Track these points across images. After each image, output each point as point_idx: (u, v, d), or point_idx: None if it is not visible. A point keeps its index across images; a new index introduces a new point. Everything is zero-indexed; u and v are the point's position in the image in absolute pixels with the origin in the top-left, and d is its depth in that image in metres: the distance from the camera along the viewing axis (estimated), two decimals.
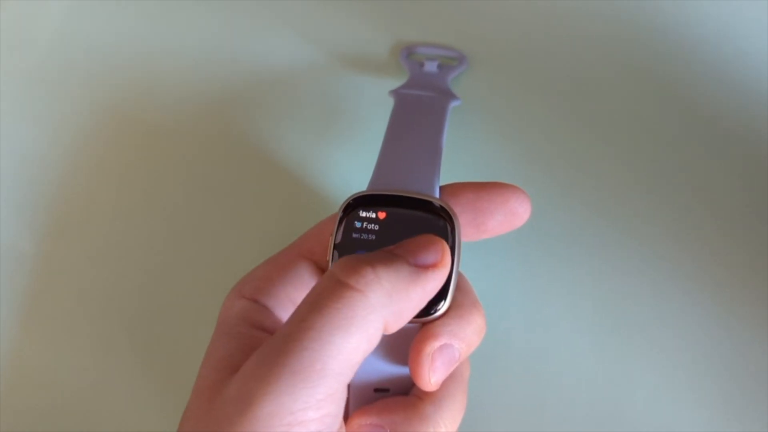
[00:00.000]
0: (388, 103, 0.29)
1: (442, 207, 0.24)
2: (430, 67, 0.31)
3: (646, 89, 0.32)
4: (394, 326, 0.21)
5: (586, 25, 0.33)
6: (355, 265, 0.21)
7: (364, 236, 0.24)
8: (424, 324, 0.23)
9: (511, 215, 0.24)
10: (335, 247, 0.24)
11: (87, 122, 0.34)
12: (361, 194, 0.24)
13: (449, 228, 0.24)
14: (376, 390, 0.25)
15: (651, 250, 0.30)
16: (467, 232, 0.25)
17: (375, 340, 0.21)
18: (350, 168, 0.32)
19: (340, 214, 0.24)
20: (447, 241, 0.23)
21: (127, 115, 0.34)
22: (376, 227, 0.24)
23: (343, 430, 0.22)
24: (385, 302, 0.21)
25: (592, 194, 0.31)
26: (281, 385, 0.19)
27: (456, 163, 0.30)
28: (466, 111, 0.32)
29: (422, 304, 0.22)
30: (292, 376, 0.20)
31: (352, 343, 0.20)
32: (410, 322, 0.23)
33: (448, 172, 0.26)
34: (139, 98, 0.34)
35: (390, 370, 0.25)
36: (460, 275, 0.24)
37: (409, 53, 0.33)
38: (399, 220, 0.24)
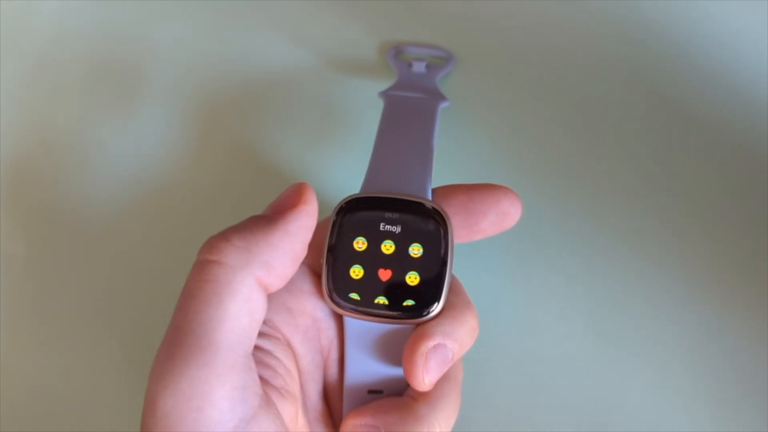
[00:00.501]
0: (378, 105, 0.29)
1: (434, 209, 0.24)
2: (419, 67, 0.32)
3: (636, 90, 0.32)
4: (275, 278, 0.22)
5: (574, 25, 0.33)
6: (208, 242, 0.22)
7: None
8: (417, 325, 0.24)
9: (502, 216, 0.25)
10: (329, 249, 0.24)
11: (79, 125, 0.34)
12: (354, 197, 0.24)
13: (442, 230, 0.24)
14: (370, 391, 0.25)
15: (643, 254, 0.30)
16: (460, 233, 0.25)
17: (257, 300, 0.21)
18: (342, 170, 0.32)
19: (334, 217, 0.24)
20: (440, 243, 0.24)
21: (119, 118, 0.34)
22: None
23: (274, 409, 0.22)
24: (245, 259, 0.21)
25: (583, 196, 0.31)
26: (176, 374, 0.20)
27: (446, 164, 0.30)
28: (454, 112, 0.32)
29: (294, 246, 0.22)
30: (183, 362, 0.20)
31: (230, 311, 0.21)
32: (404, 323, 0.24)
33: (438, 174, 0.26)
34: (131, 101, 0.34)
35: (383, 371, 0.25)
36: (453, 277, 0.25)
37: (397, 53, 0.33)
38: None
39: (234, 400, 0.20)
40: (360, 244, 0.24)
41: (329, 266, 0.24)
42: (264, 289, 0.22)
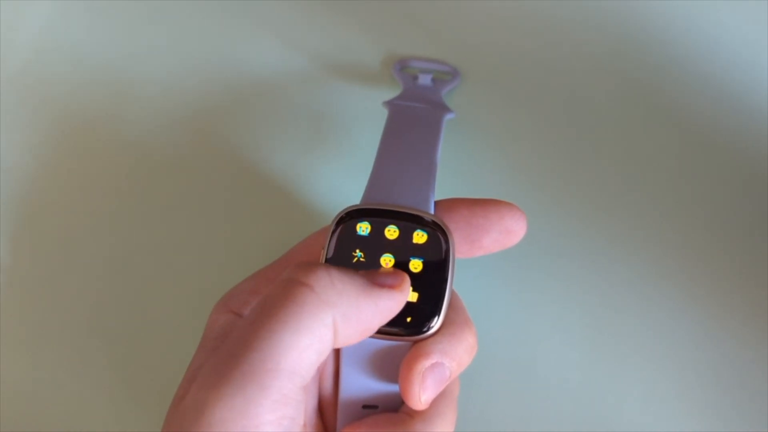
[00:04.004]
0: (380, 115, 0.29)
1: (436, 223, 0.24)
2: (424, 80, 0.31)
3: (638, 103, 0.32)
4: (342, 332, 0.21)
5: (578, 40, 0.33)
6: (309, 265, 0.22)
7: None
8: (415, 342, 0.23)
9: (506, 233, 0.24)
10: (327, 260, 0.24)
11: (67, 132, 0.33)
12: (354, 208, 0.24)
13: (444, 246, 0.24)
14: (365, 407, 0.25)
15: (640, 263, 0.30)
16: (461, 248, 0.24)
17: (327, 343, 0.21)
18: (340, 180, 0.32)
19: (333, 228, 0.24)
20: (441, 260, 0.23)
21: (109, 125, 0.33)
22: None
23: None
24: (335, 300, 0.21)
25: (583, 208, 0.31)
26: (232, 388, 0.19)
27: (448, 177, 0.30)
28: (458, 125, 0.32)
29: (373, 320, 0.22)
30: (242, 378, 0.20)
31: (302, 340, 0.20)
32: (402, 340, 0.23)
33: (441, 185, 0.26)
34: (123, 108, 0.34)
35: (379, 387, 0.24)
36: (452, 293, 0.24)
37: (402, 67, 0.33)
38: None
39: (280, 428, 0.20)
40: (358, 257, 0.24)
41: None
42: (334, 337, 0.21)
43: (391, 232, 0.24)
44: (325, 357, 0.21)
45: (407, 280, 0.23)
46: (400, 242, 0.24)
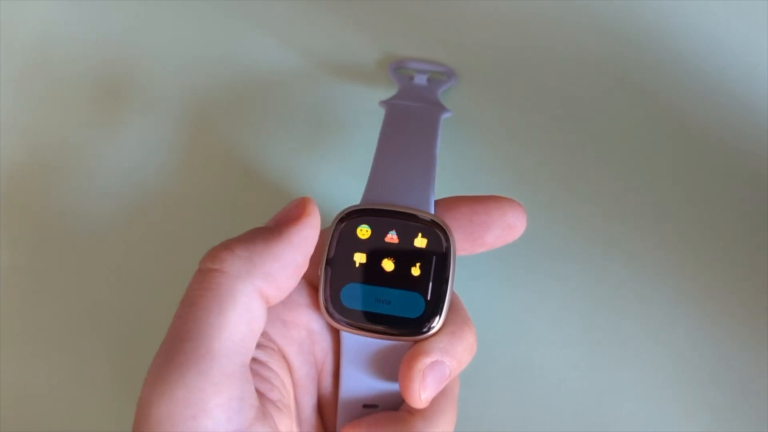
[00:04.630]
0: (376, 115, 0.29)
1: (436, 223, 0.24)
2: (420, 80, 0.31)
3: (635, 102, 0.32)
4: (276, 290, 0.22)
5: (574, 40, 0.33)
6: (211, 251, 0.22)
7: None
8: (415, 342, 0.23)
9: (508, 229, 0.24)
10: (328, 262, 0.24)
11: (66, 131, 0.33)
12: (354, 208, 0.24)
13: (445, 246, 0.24)
14: (365, 406, 0.25)
15: (639, 264, 0.30)
16: (463, 246, 0.24)
17: (257, 310, 0.21)
18: (338, 180, 0.32)
19: (333, 228, 0.24)
20: (442, 259, 0.23)
21: (108, 124, 0.33)
22: None
23: (270, 421, 0.22)
24: (247, 269, 0.21)
25: (580, 207, 0.31)
26: (172, 381, 0.20)
27: (445, 176, 0.30)
28: (454, 125, 0.32)
29: (296, 257, 0.22)
30: (179, 369, 0.20)
31: (230, 318, 0.21)
32: (403, 340, 0.23)
33: (438, 185, 0.26)
34: (122, 107, 0.33)
35: (379, 386, 0.24)
36: (453, 293, 0.24)
37: (398, 67, 0.33)
38: None
39: (230, 410, 0.20)
40: (359, 257, 0.24)
41: (327, 279, 0.24)
42: (265, 300, 0.22)
43: (392, 233, 0.24)
44: (261, 324, 0.22)
45: (307, 201, 0.23)
46: (401, 242, 0.24)
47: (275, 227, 0.23)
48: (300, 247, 0.22)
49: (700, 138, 0.31)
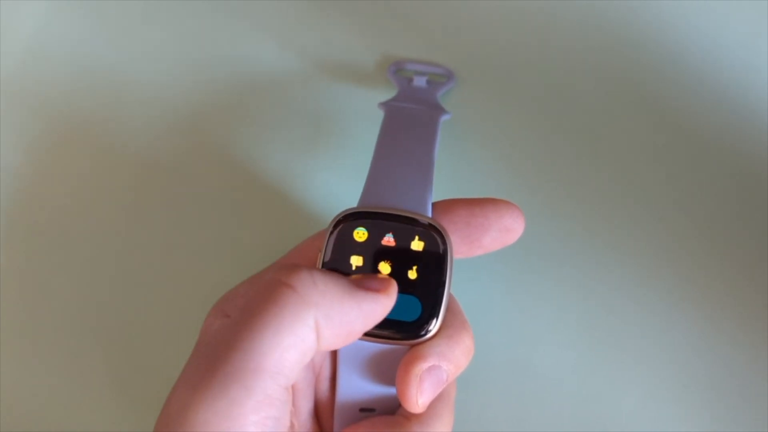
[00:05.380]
0: (375, 116, 0.29)
1: (433, 226, 0.24)
2: (419, 82, 0.31)
3: (633, 104, 0.32)
4: (325, 334, 0.21)
5: (573, 42, 0.33)
6: (292, 266, 0.21)
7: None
8: (412, 346, 0.23)
9: (505, 231, 0.24)
10: (324, 264, 0.24)
11: (63, 133, 0.33)
12: (351, 211, 0.24)
13: (442, 249, 0.23)
14: (362, 410, 0.24)
15: (637, 266, 0.30)
16: (460, 249, 0.24)
17: (310, 344, 0.21)
18: (336, 182, 0.31)
19: (330, 231, 0.24)
20: (440, 263, 0.23)
21: (105, 126, 0.33)
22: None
23: None
24: (317, 300, 0.21)
25: (578, 210, 0.31)
26: (214, 390, 0.19)
27: (443, 178, 0.30)
28: (454, 127, 0.32)
29: (356, 323, 0.22)
30: (225, 379, 0.20)
31: (284, 340, 0.20)
32: (399, 344, 0.23)
33: (436, 187, 0.25)
34: (118, 108, 0.33)
35: (376, 390, 0.24)
36: (450, 296, 0.24)
37: (397, 69, 0.33)
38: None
39: (265, 429, 0.20)
40: (356, 260, 0.24)
41: None
42: (317, 339, 0.21)
43: (389, 235, 0.24)
44: (308, 358, 0.21)
45: (394, 285, 0.23)
46: (398, 245, 0.24)
47: (356, 285, 0.22)
48: (365, 316, 0.22)
49: (699, 141, 0.31)
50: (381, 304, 0.22)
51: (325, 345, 0.21)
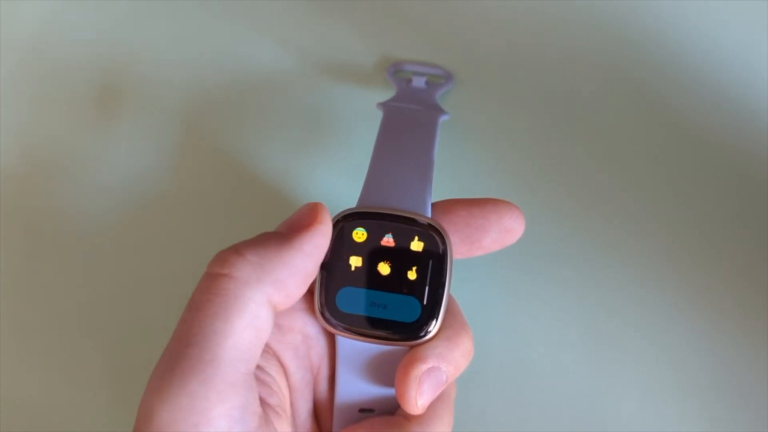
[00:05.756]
0: (373, 116, 0.29)
1: (433, 227, 0.24)
2: (418, 82, 0.31)
3: (633, 104, 0.32)
4: (285, 297, 0.21)
5: (572, 42, 0.33)
6: (219, 255, 0.22)
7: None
8: (412, 347, 0.23)
9: (505, 232, 0.24)
10: (323, 265, 0.24)
11: (61, 131, 0.33)
12: (350, 211, 0.24)
13: (441, 249, 0.23)
14: (362, 410, 0.24)
15: (636, 266, 0.30)
16: (460, 249, 0.24)
17: (265, 318, 0.21)
18: (335, 182, 0.31)
19: None
20: (439, 264, 0.23)
21: (103, 125, 0.33)
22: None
23: (272, 428, 0.22)
24: (257, 275, 0.21)
25: (578, 210, 0.31)
26: (175, 388, 0.20)
27: (442, 179, 0.30)
28: (452, 128, 0.32)
29: (307, 265, 0.22)
30: (183, 375, 0.20)
31: (236, 325, 0.20)
32: (398, 344, 0.23)
33: (435, 188, 0.25)
34: (117, 107, 0.33)
35: (375, 390, 0.24)
36: (449, 297, 0.24)
37: (395, 70, 0.33)
38: None
39: (232, 420, 0.20)
40: (355, 261, 0.24)
41: (322, 283, 0.24)
42: (273, 307, 0.22)
43: (388, 236, 0.24)
44: (267, 332, 0.21)
45: (321, 208, 0.23)
46: (397, 245, 0.24)
47: (287, 233, 0.22)
48: (311, 255, 0.22)
49: (699, 141, 0.31)
50: (320, 234, 0.22)
51: (285, 305, 0.22)
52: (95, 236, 0.31)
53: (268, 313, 0.21)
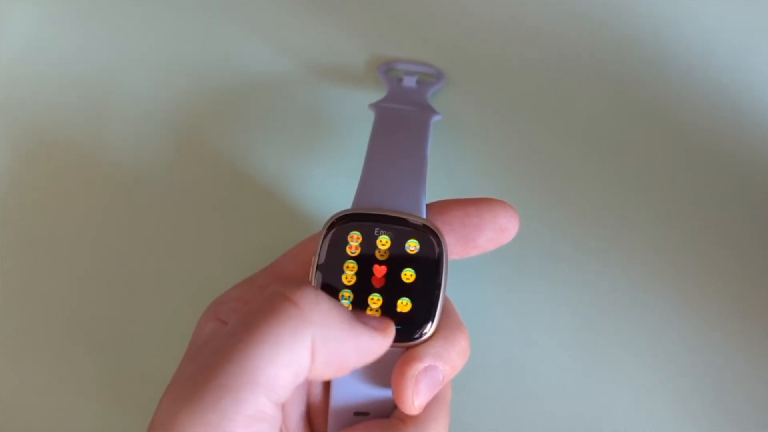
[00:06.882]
0: (366, 117, 0.28)
1: (428, 227, 0.24)
2: (409, 82, 0.31)
3: (626, 103, 0.32)
4: (319, 360, 0.21)
5: (563, 41, 0.33)
6: (298, 283, 0.21)
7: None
8: (408, 347, 0.23)
9: (500, 231, 0.24)
10: (318, 267, 0.23)
11: (54, 137, 0.33)
12: (345, 213, 0.24)
13: (437, 251, 0.23)
14: (356, 413, 0.24)
15: (632, 267, 0.30)
16: (455, 249, 0.24)
17: (304, 361, 0.20)
18: (329, 183, 0.31)
19: (324, 233, 0.24)
20: (435, 265, 0.23)
21: (97, 128, 0.33)
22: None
23: None
24: (318, 319, 0.20)
25: (572, 210, 0.31)
26: (206, 401, 0.19)
27: (435, 179, 0.30)
28: (444, 127, 0.32)
29: (350, 356, 0.21)
30: (217, 390, 0.19)
31: (281, 356, 0.20)
32: (394, 346, 0.23)
33: (428, 188, 0.25)
34: (111, 110, 0.33)
35: (370, 393, 0.24)
36: (445, 297, 0.24)
37: (387, 69, 0.33)
38: None
39: None
40: (351, 262, 0.23)
41: (317, 285, 0.23)
42: (310, 360, 0.20)
43: (383, 238, 0.24)
44: (301, 380, 0.21)
45: (392, 326, 0.22)
46: (393, 247, 0.23)
47: (357, 319, 0.22)
48: (359, 351, 0.21)
49: (693, 138, 0.31)
50: (378, 343, 0.22)
51: (316, 372, 0.21)
52: (91, 239, 0.31)
53: (307, 362, 0.20)
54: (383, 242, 0.23)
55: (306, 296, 0.21)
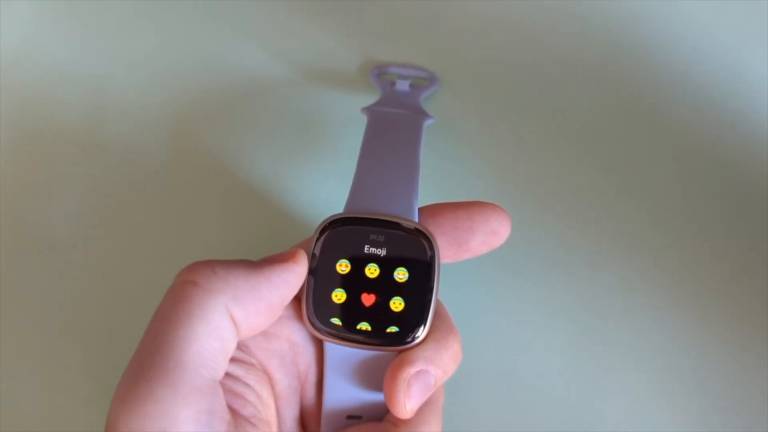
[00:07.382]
0: (359, 121, 0.28)
1: (420, 231, 0.24)
2: (402, 85, 0.31)
3: (620, 105, 0.32)
4: (242, 315, 0.22)
5: (557, 44, 0.33)
6: (190, 265, 0.22)
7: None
8: (401, 351, 0.23)
9: (492, 234, 0.24)
10: (310, 272, 0.23)
11: (48, 139, 0.33)
12: (337, 216, 0.24)
13: (429, 253, 0.23)
14: (349, 417, 0.24)
15: (625, 270, 0.30)
16: (447, 253, 0.24)
17: (228, 330, 0.21)
18: (321, 187, 0.31)
19: (317, 237, 0.24)
20: (427, 268, 0.23)
21: (91, 129, 0.33)
22: None
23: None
24: (222, 287, 0.21)
25: (564, 212, 0.31)
26: (141, 396, 0.20)
27: (428, 183, 0.30)
28: (437, 131, 0.32)
29: (271, 296, 0.22)
30: (149, 383, 0.20)
31: (200, 332, 0.21)
32: (387, 350, 0.23)
33: (421, 192, 0.25)
34: (105, 112, 0.33)
35: (363, 396, 0.24)
36: (437, 301, 0.24)
37: (379, 73, 0.33)
38: None
39: (199, 423, 0.20)
40: (343, 266, 0.23)
41: (310, 289, 0.24)
42: (234, 323, 0.22)
43: (375, 241, 0.24)
44: (232, 344, 0.21)
45: (299, 252, 0.23)
46: (385, 251, 0.23)
47: (260, 263, 0.22)
48: (277, 287, 0.22)
49: (686, 140, 0.32)
50: (291, 272, 0.22)
51: (247, 327, 0.22)
52: (83, 241, 0.31)
53: (230, 326, 0.21)
54: (376, 244, 0.24)
55: (200, 272, 0.21)
